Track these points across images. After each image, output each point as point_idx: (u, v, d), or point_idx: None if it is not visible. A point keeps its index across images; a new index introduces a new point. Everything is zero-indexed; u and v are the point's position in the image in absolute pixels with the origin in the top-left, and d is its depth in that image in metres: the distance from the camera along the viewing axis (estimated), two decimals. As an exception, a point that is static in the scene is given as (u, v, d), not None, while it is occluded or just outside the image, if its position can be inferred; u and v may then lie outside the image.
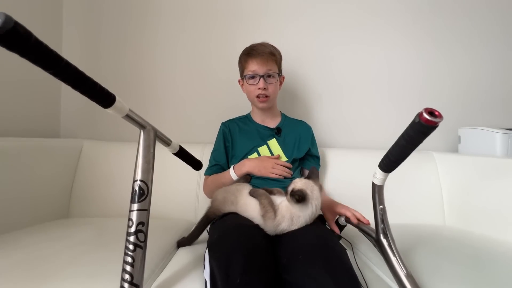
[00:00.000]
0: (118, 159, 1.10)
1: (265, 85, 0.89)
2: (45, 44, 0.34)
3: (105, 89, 0.44)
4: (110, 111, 0.46)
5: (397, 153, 0.46)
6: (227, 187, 0.77)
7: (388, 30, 1.30)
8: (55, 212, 1.00)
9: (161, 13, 1.29)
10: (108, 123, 1.28)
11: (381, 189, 0.54)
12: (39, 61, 0.35)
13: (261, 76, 0.88)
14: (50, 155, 1.00)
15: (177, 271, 0.60)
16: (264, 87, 0.89)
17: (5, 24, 0.29)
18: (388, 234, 0.53)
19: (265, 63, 0.88)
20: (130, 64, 1.29)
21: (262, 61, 0.88)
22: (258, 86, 0.89)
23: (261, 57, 0.88)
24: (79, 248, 0.66)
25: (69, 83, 0.39)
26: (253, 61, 0.88)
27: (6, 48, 0.31)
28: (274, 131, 0.96)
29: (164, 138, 0.63)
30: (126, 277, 0.46)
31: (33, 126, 1.13)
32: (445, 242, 0.79)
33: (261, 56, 0.88)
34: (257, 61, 0.88)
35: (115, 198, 1.05)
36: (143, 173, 0.52)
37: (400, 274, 0.50)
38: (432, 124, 0.39)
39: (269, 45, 0.93)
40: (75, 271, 0.55)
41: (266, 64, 0.88)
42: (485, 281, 0.56)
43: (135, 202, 0.50)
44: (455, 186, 1.05)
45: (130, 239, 0.48)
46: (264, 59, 0.88)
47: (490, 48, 1.31)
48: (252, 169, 0.85)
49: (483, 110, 1.32)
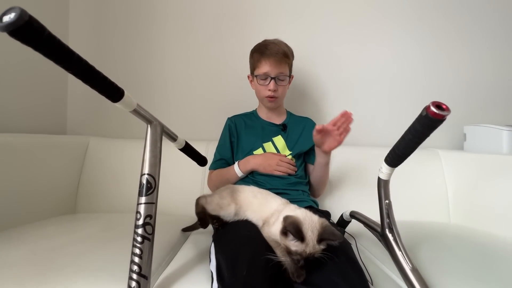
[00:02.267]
0: (124, 156, 1.11)
1: (276, 87, 0.88)
2: (57, 38, 0.35)
3: (114, 83, 0.45)
4: (118, 105, 0.47)
5: (404, 147, 0.46)
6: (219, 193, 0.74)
7: (394, 28, 1.30)
8: (62, 207, 1.02)
9: (168, 11, 1.29)
10: (114, 120, 1.29)
11: (386, 184, 0.54)
12: (52, 55, 0.35)
13: (273, 78, 0.87)
14: (57, 151, 1.01)
15: (184, 264, 0.61)
16: (274, 89, 0.88)
17: (20, 18, 0.30)
18: (394, 229, 0.53)
19: (277, 65, 0.86)
20: (135, 61, 1.30)
21: (275, 62, 0.86)
22: (268, 88, 0.88)
23: (275, 58, 0.86)
24: (88, 241, 0.68)
25: (80, 77, 0.40)
26: (266, 62, 0.86)
27: (20, 41, 0.32)
28: (280, 127, 0.96)
29: (171, 133, 0.64)
30: (134, 268, 0.46)
31: (40, 123, 1.14)
32: (450, 239, 0.79)
33: (274, 57, 0.85)
34: (270, 62, 0.86)
35: (121, 194, 1.06)
36: (151, 167, 0.53)
37: (406, 269, 0.50)
38: (440, 118, 0.39)
39: (283, 44, 0.91)
40: (85, 264, 0.57)
41: (278, 66, 0.87)
42: (490, 277, 0.56)
43: (143, 195, 0.51)
44: (461, 183, 1.05)
45: (138, 232, 0.48)
46: (277, 60, 0.86)
47: (494, 46, 1.30)
48: (257, 166, 0.85)
49: (489, 107, 1.31)
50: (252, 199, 0.67)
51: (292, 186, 0.86)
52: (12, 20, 0.30)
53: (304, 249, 0.48)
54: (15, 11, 0.30)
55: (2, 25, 0.30)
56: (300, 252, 0.48)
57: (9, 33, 0.30)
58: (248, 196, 0.68)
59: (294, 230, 0.48)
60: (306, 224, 0.50)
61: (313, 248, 0.48)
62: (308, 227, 0.50)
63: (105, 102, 1.46)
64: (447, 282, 0.53)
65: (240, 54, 1.21)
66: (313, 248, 0.48)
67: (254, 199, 0.67)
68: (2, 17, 0.30)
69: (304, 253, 0.48)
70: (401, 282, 0.56)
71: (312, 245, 0.49)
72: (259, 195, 0.68)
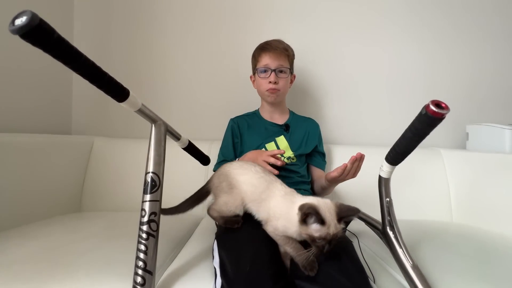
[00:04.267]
0: (127, 155, 1.13)
1: (276, 79, 0.90)
2: (66, 40, 0.36)
3: (120, 84, 0.46)
4: (124, 105, 0.48)
5: (404, 145, 0.47)
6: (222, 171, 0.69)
7: (395, 28, 1.30)
8: (67, 206, 1.04)
9: (171, 11, 1.31)
10: (118, 120, 1.31)
11: (387, 182, 0.54)
12: (61, 57, 0.37)
13: (273, 70, 0.89)
14: (62, 151, 1.03)
15: (187, 261, 0.62)
16: (275, 80, 0.89)
17: (31, 21, 0.31)
18: (395, 226, 0.54)
19: (277, 57, 0.89)
20: (138, 62, 1.31)
21: (275, 55, 0.89)
22: (269, 80, 0.90)
23: (274, 51, 0.89)
24: (93, 239, 0.69)
25: (87, 78, 0.41)
26: (266, 55, 0.90)
27: (31, 43, 0.33)
28: (283, 128, 0.96)
29: (174, 132, 0.65)
30: (140, 264, 0.48)
31: (46, 123, 1.16)
32: (451, 237, 0.79)
33: (274, 50, 0.89)
34: (270, 55, 0.89)
35: (125, 192, 1.08)
36: (155, 166, 0.54)
37: (406, 265, 0.50)
38: (439, 116, 0.40)
39: (283, 42, 0.94)
40: (90, 260, 0.58)
41: (278, 58, 0.89)
42: (490, 275, 0.56)
43: (148, 193, 0.52)
44: (463, 182, 1.05)
45: (143, 228, 0.50)
46: (277, 53, 0.89)
47: (496, 46, 1.31)
48: (248, 159, 0.81)
49: (491, 106, 1.31)
50: (251, 188, 0.62)
51: (294, 186, 0.84)
52: (24, 23, 0.31)
53: (327, 231, 0.48)
54: (27, 15, 0.31)
55: (14, 28, 0.31)
56: (324, 235, 0.48)
57: (21, 35, 0.32)
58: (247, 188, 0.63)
59: (315, 214, 0.48)
60: (322, 207, 0.51)
61: (335, 228, 0.49)
62: (325, 209, 0.50)
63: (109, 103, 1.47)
64: (448, 279, 0.54)
65: (242, 55, 1.22)
66: (335, 228, 0.49)
67: (253, 188, 0.62)
68: (14, 20, 0.32)
69: (328, 235, 0.48)
70: (402, 279, 0.57)
71: (334, 225, 0.49)
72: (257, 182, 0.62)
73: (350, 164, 0.70)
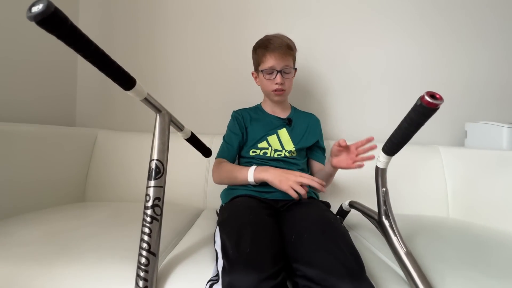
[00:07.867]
0: (130, 148, 1.15)
1: (282, 80, 0.88)
2: (79, 28, 0.38)
3: (127, 72, 0.48)
4: (131, 93, 0.50)
5: (400, 136, 0.48)
6: None
7: (395, 27, 1.32)
8: (71, 196, 1.06)
9: (173, 5, 1.32)
10: (122, 113, 1.33)
11: (384, 172, 0.56)
12: (73, 44, 0.39)
13: (279, 71, 0.88)
14: (67, 142, 1.05)
15: (190, 246, 0.64)
16: (281, 82, 0.88)
17: (47, 8, 0.33)
18: (390, 215, 0.56)
19: (282, 58, 0.87)
20: (140, 56, 1.33)
21: (280, 55, 0.86)
22: (275, 81, 0.88)
23: (279, 51, 0.86)
24: (98, 225, 0.71)
25: (97, 65, 0.43)
26: (271, 55, 0.87)
27: (46, 30, 0.35)
28: (285, 121, 0.97)
29: (178, 123, 0.67)
30: (144, 245, 0.50)
31: (50, 115, 1.18)
32: (447, 230, 0.81)
33: (278, 50, 0.86)
34: (275, 56, 0.87)
35: (128, 184, 1.10)
36: (159, 153, 0.56)
37: (400, 252, 0.52)
38: (433, 106, 0.42)
39: (285, 37, 0.91)
40: (96, 243, 0.60)
41: (283, 59, 0.87)
42: (482, 264, 0.58)
43: (152, 179, 0.54)
44: (460, 179, 1.06)
45: (148, 212, 0.52)
46: (282, 53, 0.86)
47: (494, 45, 1.32)
48: (273, 177, 0.74)
49: (490, 104, 1.32)
50: None
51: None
52: (40, 11, 0.33)
53: None
54: (43, 2, 0.33)
55: (31, 15, 0.33)
56: None
57: (37, 22, 0.34)
58: None
59: None
60: None
61: None
62: None
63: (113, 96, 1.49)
64: (440, 267, 0.56)
65: (244, 50, 1.23)
66: None
67: None
68: (31, 8, 0.33)
69: None
70: (395, 266, 0.59)
71: None
72: None
73: (365, 140, 0.74)
